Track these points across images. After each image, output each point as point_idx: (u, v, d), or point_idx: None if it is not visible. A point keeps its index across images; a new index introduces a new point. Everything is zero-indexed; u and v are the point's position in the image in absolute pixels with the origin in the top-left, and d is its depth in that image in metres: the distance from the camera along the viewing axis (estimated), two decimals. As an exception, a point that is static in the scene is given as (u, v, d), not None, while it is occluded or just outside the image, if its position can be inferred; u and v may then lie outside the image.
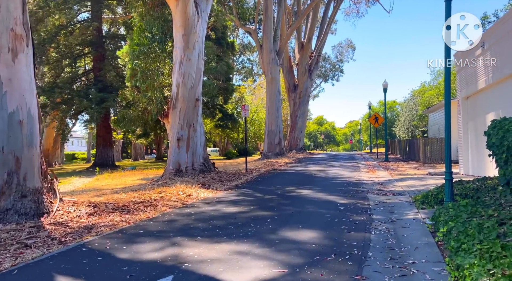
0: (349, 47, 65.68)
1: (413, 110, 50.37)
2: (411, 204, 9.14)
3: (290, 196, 10.55)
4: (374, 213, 8.19)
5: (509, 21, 10.64)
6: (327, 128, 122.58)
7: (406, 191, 11.15)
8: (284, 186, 12.73)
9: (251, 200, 9.88)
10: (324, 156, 35.25)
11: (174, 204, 9.07)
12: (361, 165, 22.64)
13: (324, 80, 68.73)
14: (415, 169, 18.68)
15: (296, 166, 22.15)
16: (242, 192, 11.44)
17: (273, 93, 32.51)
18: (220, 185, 12.59)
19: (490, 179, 8.74)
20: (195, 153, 15.66)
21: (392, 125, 70.49)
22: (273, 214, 8.09)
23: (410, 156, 26.60)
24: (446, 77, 8.12)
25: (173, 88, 15.67)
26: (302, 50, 40.26)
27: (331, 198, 10.01)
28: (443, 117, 22.70)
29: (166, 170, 15.52)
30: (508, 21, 9.99)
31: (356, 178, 14.85)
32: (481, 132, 13.20)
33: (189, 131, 15.57)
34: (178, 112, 15.51)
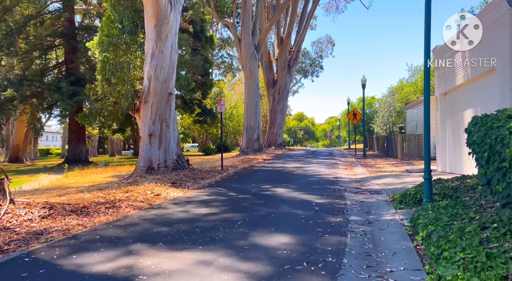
0: (329, 43, 65.60)
1: (391, 106, 50.73)
2: (388, 204, 8.82)
3: (265, 195, 10.10)
4: (350, 214, 7.81)
5: (485, 17, 10.42)
6: (307, 124, 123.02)
7: (384, 189, 10.86)
8: (260, 184, 12.27)
9: (224, 200, 9.38)
10: (303, 152, 35.02)
11: (140, 205, 8.48)
12: (339, 161, 22.42)
13: (304, 76, 68.58)
14: (393, 165, 18.54)
15: (274, 162, 21.74)
16: (215, 191, 10.92)
17: (251, 88, 31.99)
18: (192, 184, 12.03)
19: (469, 178, 8.49)
20: (168, 149, 15.03)
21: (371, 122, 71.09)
22: (245, 215, 7.61)
23: (388, 152, 26.58)
24: (426, 74, 7.79)
25: (145, 82, 14.95)
26: (282, 45, 39.85)
27: (307, 197, 9.61)
28: (421, 114, 22.71)
29: (137, 167, 14.84)
30: (484, 17, 9.76)
31: (333, 175, 14.53)
32: (458, 129, 13.06)
33: (161, 127, 14.91)
34: (150, 107, 14.82)
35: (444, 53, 13.42)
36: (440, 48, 13.58)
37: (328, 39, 65.47)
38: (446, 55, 13.34)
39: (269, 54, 41.30)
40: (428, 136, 7.83)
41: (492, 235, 4.60)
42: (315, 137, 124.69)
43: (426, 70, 7.69)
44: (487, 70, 9.95)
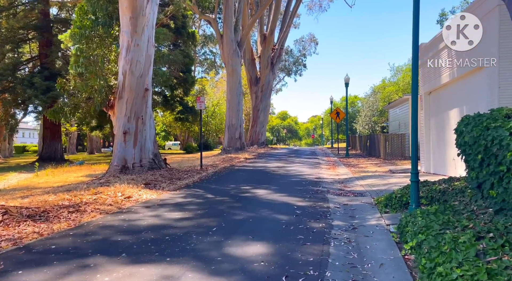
0: (312, 41, 65.44)
1: (373, 106, 50.86)
2: (373, 207, 8.40)
3: (244, 197, 9.56)
4: (334, 218, 7.35)
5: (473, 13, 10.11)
6: (290, 123, 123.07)
7: (368, 191, 10.45)
8: (240, 185, 11.73)
9: (200, 203, 8.80)
10: (286, 151, 34.63)
11: (108, 209, 7.83)
12: (322, 161, 22.05)
13: (287, 75, 68.30)
14: (376, 165, 18.25)
15: (256, 161, 21.22)
16: (192, 192, 10.32)
17: (234, 85, 31.39)
18: (168, 184, 11.39)
19: (457, 180, 8.13)
20: (144, 148, 14.33)
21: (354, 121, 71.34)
22: (221, 220, 7.06)
23: (371, 152, 26.39)
24: (414, 72, 7.36)
25: (119, 77, 14.21)
26: (265, 43, 39.34)
27: (288, 200, 9.11)
28: (404, 113, 22.46)
29: (111, 166, 14.10)
30: (475, 11, 9.42)
31: (316, 176, 14.10)
32: (443, 129, 12.79)
33: (137, 124, 14.20)
34: (125, 103, 14.09)
35: (429, 51, 13.13)
36: (425, 46, 13.29)
37: (312, 38, 65.28)
38: (430, 53, 13.06)
39: (252, 52, 40.75)
40: (415, 137, 7.42)
41: (489, 246, 4.17)
42: (298, 136, 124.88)
43: (414, 67, 7.27)
44: (475, 69, 9.63)
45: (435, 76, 12.83)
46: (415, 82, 7.38)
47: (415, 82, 7.40)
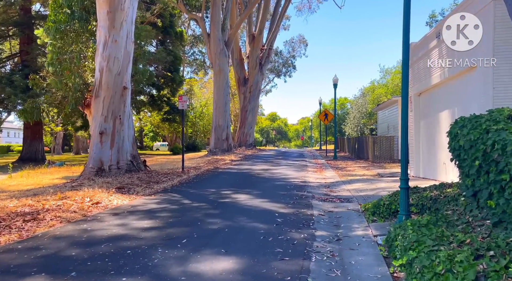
0: (302, 42, 65.12)
1: (362, 108, 50.59)
2: (360, 215, 7.84)
3: (223, 203, 8.93)
4: (317, 228, 6.77)
5: (466, 9, 9.66)
6: (280, 125, 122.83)
7: (355, 197, 9.91)
8: (221, 189, 11.09)
9: (174, 210, 8.14)
10: (273, 153, 34.07)
11: (70, 216, 7.13)
12: (309, 163, 21.52)
13: (277, 76, 67.93)
14: (364, 168, 17.77)
15: (242, 164, 20.60)
16: (168, 197, 9.65)
17: (221, 85, 30.73)
18: (144, 189, 10.69)
19: (449, 187, 7.61)
20: (121, 150, 13.61)
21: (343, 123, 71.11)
22: (193, 230, 6.43)
23: (359, 154, 25.96)
24: (404, 73, 6.83)
25: (96, 74, 13.47)
26: (253, 43, 38.76)
27: (270, 206, 8.51)
28: (393, 115, 22.01)
29: (86, 168, 13.36)
30: (468, 7, 8.95)
31: (302, 179, 13.53)
32: (434, 131, 12.32)
33: (114, 124, 13.48)
34: (102, 102, 13.35)
35: (419, 50, 12.67)
36: (415, 45, 12.83)
37: (301, 39, 64.97)
38: (421, 53, 12.59)
39: (240, 52, 40.15)
40: (405, 140, 6.88)
41: (490, 267, 3.62)
42: (287, 138, 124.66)
43: (404, 66, 6.74)
44: (467, 68, 9.16)
45: (426, 77, 12.37)
46: (405, 80, 6.85)
47: (405, 81, 6.87)
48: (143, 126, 76.15)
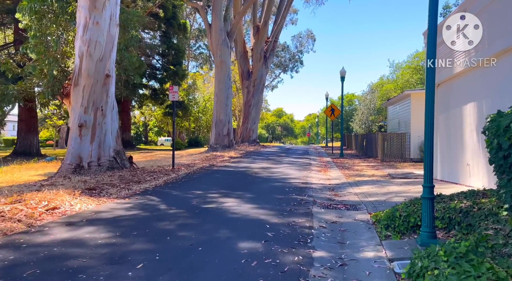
0: (309, 38, 63.56)
1: (370, 104, 48.86)
2: (370, 228, 6.39)
3: (206, 210, 7.53)
4: (316, 246, 5.34)
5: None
6: (286, 121, 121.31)
7: (363, 203, 8.46)
8: (209, 191, 9.70)
9: (144, 218, 6.77)
10: (276, 150, 32.60)
11: (11, 227, 5.77)
12: (314, 161, 20.05)
13: (284, 71, 66.51)
14: (373, 168, 16.28)
15: (241, 161, 19.19)
16: (144, 201, 8.27)
17: (222, 78, 29.31)
18: (119, 190, 9.32)
19: (483, 195, 6.13)
20: (103, 145, 12.26)
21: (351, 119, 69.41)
22: (158, 248, 5.04)
23: (367, 152, 24.43)
24: (430, 44, 5.38)
25: (76, 60, 12.12)
26: (258, 34, 37.25)
27: (261, 215, 7.10)
28: (404, 110, 20.40)
29: (63, 165, 12.04)
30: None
31: (303, 180, 12.09)
32: (455, 127, 10.78)
33: (95, 116, 12.13)
34: (81, 91, 12.01)
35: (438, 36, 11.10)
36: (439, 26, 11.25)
37: (309, 34, 63.43)
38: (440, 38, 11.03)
39: (244, 44, 38.65)
40: (430, 138, 5.44)
41: None
42: (294, 134, 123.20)
43: (431, 40, 5.29)
44: (502, 50, 7.65)
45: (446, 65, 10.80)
46: (431, 49, 5.41)
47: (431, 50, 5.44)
48: (147, 121, 75.13)
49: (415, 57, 50.82)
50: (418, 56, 48.85)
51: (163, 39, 45.44)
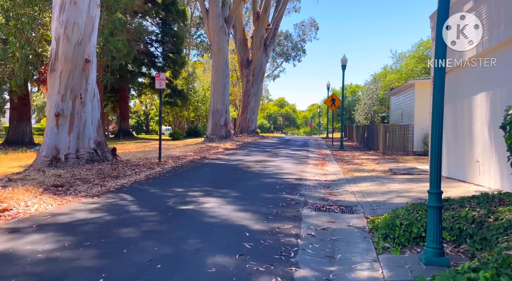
0: (312, 26, 62.26)
1: (373, 94, 47.73)
2: (366, 237, 5.51)
3: (181, 212, 6.67)
4: (300, 263, 4.47)
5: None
6: (288, 111, 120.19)
7: (360, 204, 7.57)
8: (191, 188, 8.82)
9: (107, 222, 5.91)
10: (275, 141, 31.68)
11: None
12: (312, 154, 19.14)
13: (286, 60, 65.30)
14: (374, 162, 15.37)
15: (235, 153, 18.31)
16: (115, 201, 7.41)
17: (219, 66, 28.28)
18: (91, 186, 8.45)
19: (500, 201, 5.22)
20: (82, 135, 11.38)
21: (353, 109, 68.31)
22: (108, 265, 4.18)
23: (368, 144, 23.50)
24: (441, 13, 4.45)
25: (52, 43, 11.21)
26: (258, 21, 36.07)
27: (243, 219, 6.23)
28: (408, 101, 19.32)
29: (38, 157, 11.20)
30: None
31: (297, 175, 11.20)
32: (462, 120, 9.83)
33: (74, 105, 11.24)
34: (58, 77, 11.10)
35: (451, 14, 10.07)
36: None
37: (312, 22, 62.10)
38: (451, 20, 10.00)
39: (244, 31, 37.49)
40: (438, 131, 4.51)
41: None
42: (296, 125, 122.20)
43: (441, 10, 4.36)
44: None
45: (453, 51, 9.81)
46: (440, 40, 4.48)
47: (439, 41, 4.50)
48: (148, 110, 74.18)
49: (419, 46, 49.53)
50: (422, 45, 47.61)
51: (161, 26, 44.34)
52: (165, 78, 12.39)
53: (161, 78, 12.74)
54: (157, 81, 12.82)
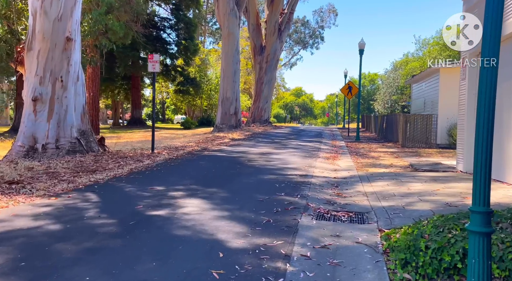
0: (331, 12, 60.06)
1: (394, 82, 45.57)
2: (378, 261, 4.11)
3: (149, 219, 5.39)
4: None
5: None
6: (305, 100, 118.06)
7: (374, 210, 6.16)
8: (175, 186, 7.54)
9: (47, 234, 4.67)
10: (288, 131, 30.18)
11: None
12: (324, 146, 17.66)
13: (303, 48, 63.42)
14: (392, 155, 13.83)
15: (240, 144, 16.99)
16: (74, 203, 6.16)
17: (229, 51, 26.85)
18: (56, 183, 7.21)
19: None
20: (64, 123, 10.22)
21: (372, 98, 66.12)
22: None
23: (387, 135, 21.84)
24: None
25: (29, 19, 10.03)
26: (272, 5, 34.38)
27: (222, 231, 4.90)
28: (431, 89, 17.40)
29: (14, 147, 10.11)
30: None
31: (304, 171, 9.81)
32: (501, 108, 8.26)
33: (54, 89, 10.07)
34: (36, 57, 9.93)
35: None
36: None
37: (331, 8, 59.95)
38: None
39: (257, 16, 35.84)
40: (486, 126, 3.07)
41: None
42: (313, 114, 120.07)
43: None
44: None
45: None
46: None
47: None
48: (164, 98, 73.39)
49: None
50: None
51: (174, 12, 43.24)
52: (159, 60, 11.08)
53: (154, 61, 11.43)
54: (150, 63, 11.53)
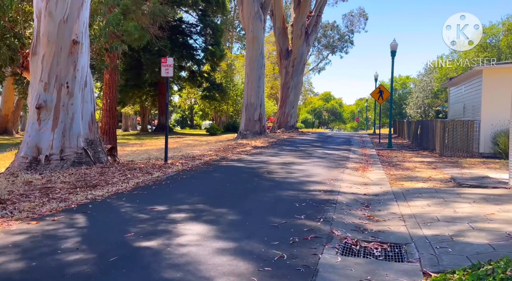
0: (361, 16, 58.61)
1: (427, 86, 43.43)
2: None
3: (133, 253, 4.45)
4: None
5: None
6: (334, 105, 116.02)
7: (414, 240, 4.99)
8: (178, 205, 6.59)
9: (7, 275, 3.81)
10: (314, 138, 28.89)
11: None
12: (353, 154, 16.37)
13: (332, 52, 62.14)
14: (429, 166, 12.45)
15: (262, 152, 15.97)
16: (57, 228, 5.28)
17: (254, 56, 25.99)
18: (45, 202, 6.36)
19: None
20: (69, 132, 9.53)
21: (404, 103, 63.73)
22: None
23: (422, 143, 20.26)
24: None
25: (34, 21, 9.45)
26: (299, 8, 33.36)
27: (221, 273, 3.88)
28: (472, 92, 15.48)
29: (16, 158, 9.49)
30: None
31: (329, 186, 8.67)
32: None
33: (59, 95, 9.41)
34: (40, 62, 9.31)
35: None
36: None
37: (361, 13, 58.54)
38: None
39: (283, 19, 34.88)
40: None
41: None
42: (342, 119, 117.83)
43: None
44: None
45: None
46: None
47: None
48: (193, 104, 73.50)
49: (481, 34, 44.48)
50: (485, 32, 42.66)
51: (200, 17, 43.20)
52: (173, 64, 10.26)
53: (167, 64, 10.63)
54: (163, 67, 10.74)
